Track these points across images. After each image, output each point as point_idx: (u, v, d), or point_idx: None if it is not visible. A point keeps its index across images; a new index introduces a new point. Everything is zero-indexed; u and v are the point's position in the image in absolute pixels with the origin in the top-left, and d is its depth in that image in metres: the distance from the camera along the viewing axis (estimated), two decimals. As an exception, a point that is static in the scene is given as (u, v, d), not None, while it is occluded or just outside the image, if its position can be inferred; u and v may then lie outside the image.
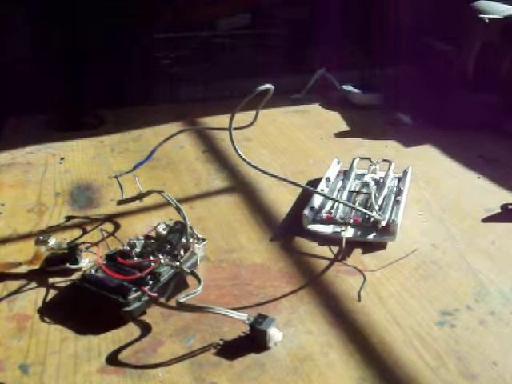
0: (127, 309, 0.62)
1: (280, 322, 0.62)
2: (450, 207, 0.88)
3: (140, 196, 0.85)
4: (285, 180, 0.80)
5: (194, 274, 0.67)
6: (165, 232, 0.74)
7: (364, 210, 0.80)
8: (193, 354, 0.59)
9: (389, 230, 0.79)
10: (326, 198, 0.85)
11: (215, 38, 1.72)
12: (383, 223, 0.79)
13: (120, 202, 0.86)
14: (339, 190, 0.89)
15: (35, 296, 0.68)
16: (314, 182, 0.94)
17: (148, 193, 0.84)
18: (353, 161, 0.96)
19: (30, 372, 0.57)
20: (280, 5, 1.77)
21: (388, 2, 1.53)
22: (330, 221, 0.82)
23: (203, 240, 0.75)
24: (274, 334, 0.59)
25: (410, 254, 0.76)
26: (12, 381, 0.56)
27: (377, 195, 0.85)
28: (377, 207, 0.81)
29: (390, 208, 0.84)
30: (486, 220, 0.85)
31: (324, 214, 0.83)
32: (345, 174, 0.94)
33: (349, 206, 0.82)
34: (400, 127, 1.22)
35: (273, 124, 1.26)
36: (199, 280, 0.65)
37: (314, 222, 0.82)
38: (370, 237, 0.79)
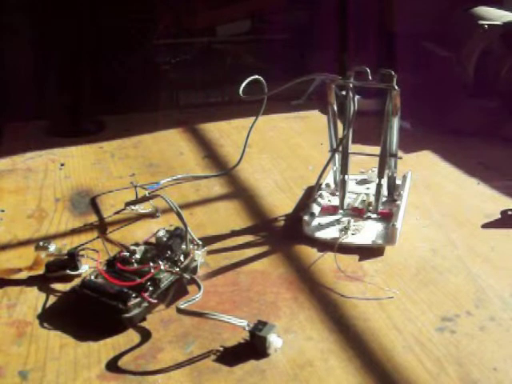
0: (127, 315, 0.62)
1: (280, 329, 0.62)
2: (450, 213, 0.88)
3: (144, 199, 0.86)
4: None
5: (193, 280, 0.67)
6: (165, 238, 0.74)
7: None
8: (193, 361, 0.59)
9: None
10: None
11: (215, 44, 1.72)
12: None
13: (127, 204, 0.88)
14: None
15: (35, 302, 0.68)
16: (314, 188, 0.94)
17: (151, 196, 0.85)
18: None
19: (29, 378, 0.57)
20: (280, 10, 1.77)
21: (387, 7, 1.54)
22: (329, 210, 0.86)
23: (203, 246, 0.75)
24: (274, 340, 0.59)
25: (409, 260, 0.76)
26: (11, 387, 0.56)
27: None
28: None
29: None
30: (486, 226, 0.85)
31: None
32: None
33: None
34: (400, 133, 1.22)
35: (273, 130, 1.26)
36: (199, 286, 0.65)
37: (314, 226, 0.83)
38: (370, 242, 0.79)
